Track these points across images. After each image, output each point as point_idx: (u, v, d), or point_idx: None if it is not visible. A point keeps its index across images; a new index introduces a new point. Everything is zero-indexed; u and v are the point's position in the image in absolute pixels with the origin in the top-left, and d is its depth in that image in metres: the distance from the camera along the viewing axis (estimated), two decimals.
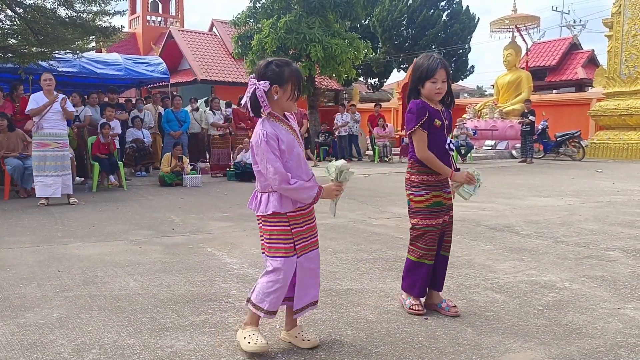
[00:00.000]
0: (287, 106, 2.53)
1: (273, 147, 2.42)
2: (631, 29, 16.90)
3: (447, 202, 3.11)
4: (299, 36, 15.86)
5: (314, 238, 2.63)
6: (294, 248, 2.53)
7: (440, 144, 3.05)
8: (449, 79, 3.05)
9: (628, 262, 4.23)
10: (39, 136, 7.45)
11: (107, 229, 5.73)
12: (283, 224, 2.52)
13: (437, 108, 3.07)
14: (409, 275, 3.14)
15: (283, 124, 2.51)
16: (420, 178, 3.06)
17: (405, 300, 3.15)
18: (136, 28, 33.89)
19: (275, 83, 2.44)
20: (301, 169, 2.51)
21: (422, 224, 3.06)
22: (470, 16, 26.59)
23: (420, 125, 2.99)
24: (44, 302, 3.32)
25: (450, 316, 3.03)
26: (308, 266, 2.59)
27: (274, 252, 2.53)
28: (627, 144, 16.25)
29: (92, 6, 10.23)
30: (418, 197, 3.06)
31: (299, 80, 2.50)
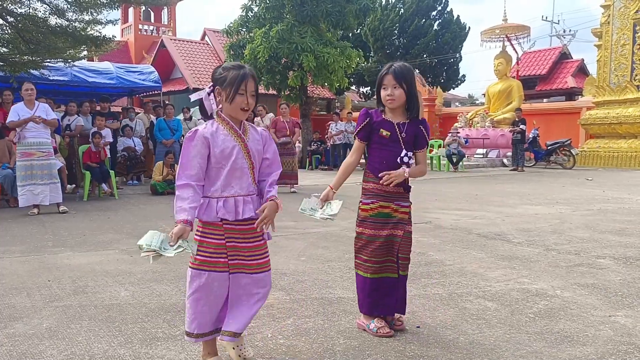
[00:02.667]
0: (231, 111, 2.37)
1: (195, 146, 2.33)
2: (620, 39, 17.09)
3: (399, 215, 2.93)
4: (291, 45, 15.90)
5: (257, 260, 2.42)
6: (227, 263, 2.38)
7: (389, 155, 2.92)
8: (406, 86, 2.88)
9: (618, 269, 4.25)
10: (23, 146, 7.40)
11: (98, 238, 5.70)
12: (217, 235, 2.37)
13: (390, 119, 2.93)
14: (359, 292, 3.01)
15: (229, 129, 2.38)
16: (369, 186, 2.98)
17: (369, 325, 2.94)
18: (128, 37, 33.86)
19: (218, 85, 2.38)
20: (236, 181, 2.37)
21: (365, 233, 2.97)
22: (461, 26, 26.80)
23: (356, 134, 3.01)
24: (34, 312, 3.29)
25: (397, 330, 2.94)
26: (246, 287, 2.40)
27: (198, 264, 2.36)
28: (616, 152, 16.39)
29: (83, 15, 10.24)
30: (364, 205, 2.99)
31: (239, 82, 2.32)
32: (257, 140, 2.46)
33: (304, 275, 4.11)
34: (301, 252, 4.91)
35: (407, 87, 2.89)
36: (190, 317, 2.40)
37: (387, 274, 2.94)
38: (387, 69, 2.93)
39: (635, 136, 16.17)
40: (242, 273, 2.39)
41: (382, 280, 2.94)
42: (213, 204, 2.36)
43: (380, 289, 2.94)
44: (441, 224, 6.42)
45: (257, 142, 2.45)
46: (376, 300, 2.94)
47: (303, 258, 4.70)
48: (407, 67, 2.95)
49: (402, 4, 26.82)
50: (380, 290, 2.94)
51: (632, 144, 16.15)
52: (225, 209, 2.35)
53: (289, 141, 10.04)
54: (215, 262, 2.36)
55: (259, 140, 2.47)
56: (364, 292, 2.97)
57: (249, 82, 2.36)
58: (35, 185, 7.40)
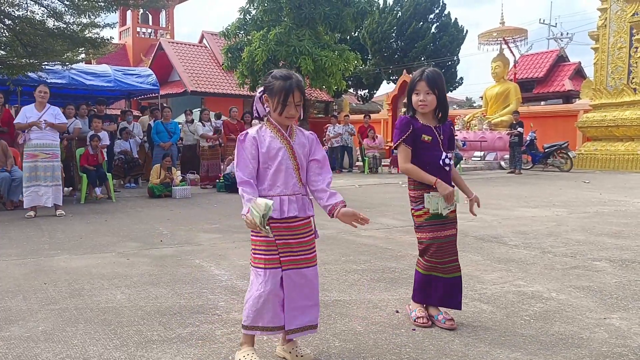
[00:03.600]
0: (277, 118, 2.51)
1: (246, 148, 2.48)
2: (617, 42, 17.14)
3: (451, 214, 3.09)
4: (289, 48, 15.93)
5: (306, 255, 2.54)
6: (279, 260, 2.47)
7: (433, 159, 3.03)
8: (438, 92, 2.99)
9: (614, 272, 4.26)
10: (28, 147, 7.48)
11: (95, 241, 5.70)
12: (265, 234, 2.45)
13: (427, 123, 3.05)
14: (420, 287, 3.12)
15: (275, 132, 2.52)
16: (417, 193, 3.07)
17: (412, 312, 3.13)
18: (126, 39, 33.87)
19: (267, 93, 2.51)
20: (282, 180, 2.48)
21: (425, 237, 3.06)
22: (459, 29, 26.91)
23: (402, 140, 3.03)
24: (30, 315, 3.29)
25: (446, 329, 3.00)
26: (298, 282, 2.50)
27: (256, 263, 2.50)
28: (614, 155, 16.42)
29: (81, 18, 10.24)
30: (417, 212, 3.08)
31: (287, 95, 2.45)
32: (304, 143, 2.59)
33: None
34: None
35: (439, 92, 3.00)
36: (250, 310, 2.48)
37: (456, 273, 3.10)
38: (420, 74, 3.02)
39: (632, 139, 16.21)
40: (293, 269, 2.49)
41: (454, 279, 3.08)
42: None
43: (452, 286, 3.08)
44: None
45: (303, 145, 2.57)
46: (446, 294, 3.07)
47: None
48: (439, 72, 3.07)
49: (399, 6, 26.92)
50: (452, 287, 3.08)
51: (629, 147, 16.18)
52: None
53: None
54: (270, 259, 2.47)
55: (305, 143, 2.59)
56: (430, 288, 3.08)
57: (295, 94, 2.48)
58: (39, 186, 7.46)
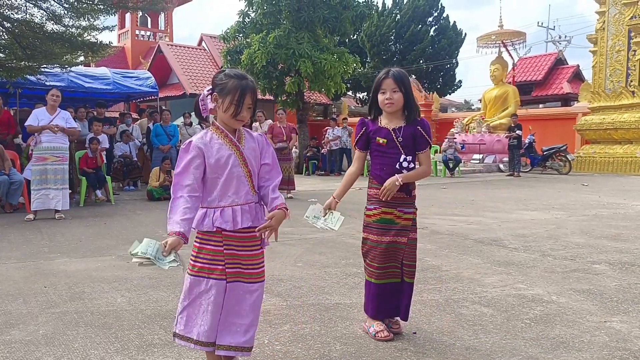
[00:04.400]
0: (228, 120, 2.34)
1: (188, 158, 2.31)
2: (615, 45, 17.19)
3: (401, 222, 2.94)
4: (288, 51, 15.93)
5: (255, 269, 2.37)
6: (224, 271, 2.33)
7: (388, 162, 2.93)
8: (405, 90, 2.91)
9: (614, 275, 4.27)
10: (38, 150, 7.50)
11: (95, 244, 5.69)
12: (215, 242, 2.33)
13: (386, 125, 2.96)
14: (365, 295, 3.05)
15: (223, 138, 2.35)
16: (372, 192, 3.01)
17: (369, 328, 2.98)
18: (125, 42, 33.85)
19: (217, 91, 2.34)
20: (233, 190, 2.33)
21: (369, 239, 2.99)
22: (458, 32, 26.92)
23: (355, 144, 3.06)
24: (30, 318, 3.29)
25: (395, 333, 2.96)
26: (242, 297, 2.34)
27: (197, 272, 2.34)
28: (612, 158, 16.44)
29: (80, 21, 10.24)
30: (368, 211, 3.02)
31: (241, 95, 2.29)
32: (253, 146, 2.41)
33: (300, 282, 4.11)
34: (298, 258, 4.92)
35: (405, 90, 2.92)
36: (190, 323, 2.34)
37: (390, 279, 2.97)
38: (385, 73, 2.95)
39: (631, 142, 16.23)
40: (239, 282, 2.34)
41: (385, 286, 2.97)
42: (210, 214, 2.33)
43: (383, 294, 2.96)
44: (438, 229, 6.44)
45: (253, 149, 2.40)
46: (379, 304, 2.97)
47: (300, 264, 4.70)
48: (404, 71, 3.00)
49: (398, 10, 26.95)
50: (383, 295, 2.96)
51: (627, 150, 16.21)
52: (223, 218, 2.32)
53: (285, 147, 10.05)
54: (213, 269, 2.32)
55: (255, 146, 2.42)
56: (368, 295, 3.01)
57: (250, 94, 2.32)
58: (49, 189, 7.48)
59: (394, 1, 27.53)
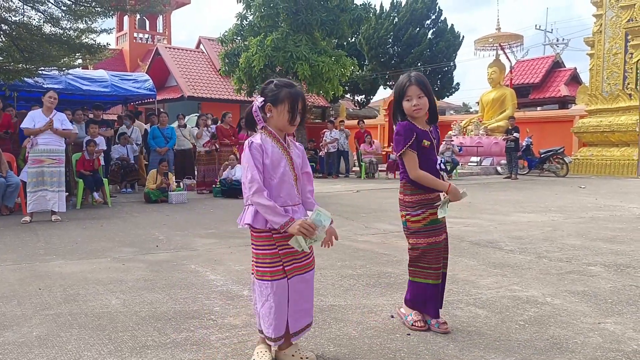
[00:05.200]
0: (282, 126, 2.52)
1: (255, 157, 2.45)
2: (612, 48, 17.24)
3: (443, 219, 3.10)
4: (285, 54, 15.95)
5: (307, 259, 2.59)
6: (283, 270, 2.50)
7: (431, 164, 3.05)
8: (428, 94, 2.99)
9: (609, 277, 4.27)
10: (34, 153, 7.49)
11: (90, 247, 5.68)
12: (269, 246, 2.49)
13: (423, 128, 3.06)
14: (418, 296, 3.10)
15: (276, 142, 2.51)
16: (415, 198, 3.05)
17: (407, 317, 3.13)
18: (123, 45, 33.89)
19: (270, 101, 2.50)
20: (285, 191, 2.49)
21: (421, 243, 3.04)
22: (455, 34, 26.97)
23: (409, 146, 2.98)
24: (24, 320, 3.28)
25: (441, 333, 3.01)
26: (300, 288, 2.54)
27: (261, 275, 2.51)
28: (609, 160, 16.48)
29: (78, 23, 10.23)
30: (415, 217, 3.05)
31: (294, 102, 2.49)
32: (299, 154, 2.61)
33: None
34: None
35: (429, 93, 3.01)
36: (266, 323, 2.52)
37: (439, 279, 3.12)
38: (408, 80, 3.00)
39: (628, 144, 16.26)
40: (297, 276, 2.53)
41: (441, 284, 3.12)
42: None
43: (440, 292, 3.12)
44: None
45: (298, 156, 2.60)
46: (437, 302, 3.10)
47: None
48: (423, 75, 3.07)
49: (396, 12, 26.99)
50: (440, 292, 3.12)
51: (624, 152, 16.24)
52: None
53: None
54: (275, 271, 2.49)
55: (299, 154, 2.62)
56: (427, 296, 3.08)
57: (300, 102, 2.52)
58: (46, 191, 7.48)
59: (392, 4, 27.59)
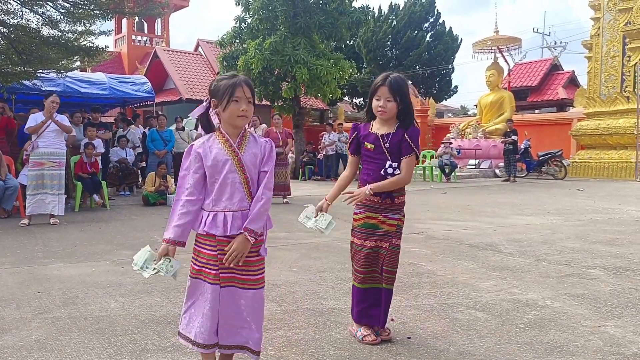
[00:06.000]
0: (227, 119, 2.34)
1: (188, 161, 2.37)
2: (610, 51, 17.27)
3: (385, 227, 2.93)
4: (284, 57, 15.95)
5: (250, 275, 2.36)
6: (217, 276, 2.34)
7: (375, 167, 2.94)
8: (400, 99, 2.86)
9: (608, 280, 4.27)
10: (35, 155, 7.46)
11: (89, 250, 5.67)
12: (210, 247, 2.36)
13: (376, 131, 2.95)
14: (352, 299, 3.05)
15: (224, 144, 2.35)
16: None
17: (356, 332, 2.98)
18: (121, 47, 33.88)
19: (213, 97, 2.37)
20: (227, 195, 2.33)
21: (355, 242, 3.01)
22: (453, 37, 27.05)
23: (348, 148, 3.03)
24: (23, 324, 3.27)
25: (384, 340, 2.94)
26: (237, 302, 2.35)
27: (195, 274, 2.40)
28: (607, 163, 16.50)
29: (76, 26, 10.24)
30: (354, 215, 3.04)
31: (232, 90, 2.30)
32: (255, 152, 2.38)
33: (295, 286, 4.11)
34: (293, 263, 4.91)
35: (401, 99, 2.87)
36: (190, 324, 2.38)
37: (374, 284, 2.97)
38: (382, 80, 2.90)
39: (626, 147, 16.29)
40: (234, 287, 2.35)
41: (369, 291, 2.97)
42: (204, 217, 2.36)
43: (366, 299, 2.97)
44: (433, 234, 6.44)
45: (254, 155, 2.38)
46: (363, 309, 2.97)
47: (295, 269, 4.70)
48: (403, 78, 2.93)
49: (394, 15, 27.06)
50: (366, 300, 2.97)
51: (622, 155, 16.26)
52: (214, 223, 2.34)
53: (281, 152, 10.05)
54: (208, 273, 2.35)
55: (256, 152, 2.39)
56: (353, 300, 3.03)
57: (243, 88, 2.32)
58: (46, 194, 7.45)
59: (390, 7, 27.66)
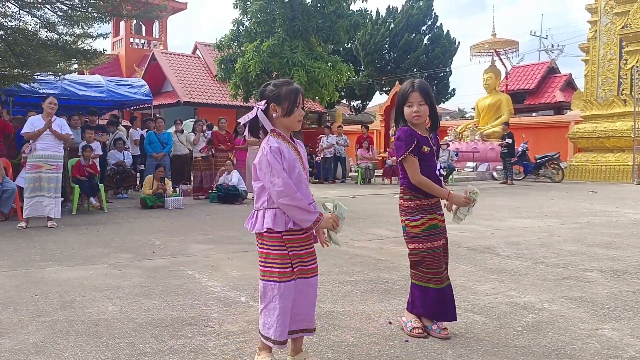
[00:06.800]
0: (289, 124, 2.55)
1: (277, 160, 2.46)
2: (607, 54, 17.33)
3: (442, 224, 3.13)
4: (282, 60, 15.98)
5: (313, 264, 2.60)
6: (292, 272, 2.52)
7: (431, 170, 3.08)
8: (430, 102, 3.03)
9: (606, 282, 4.28)
10: (32, 158, 7.48)
11: (87, 253, 5.66)
12: (279, 247, 2.50)
13: (423, 134, 3.09)
14: (417, 299, 3.11)
15: (287, 143, 2.54)
16: (414, 203, 3.07)
17: (407, 323, 3.13)
18: (119, 50, 33.87)
19: (273, 102, 2.52)
20: (302, 190, 2.49)
21: (420, 248, 3.06)
22: (451, 40, 27.12)
23: (410, 152, 3.01)
24: (20, 327, 3.26)
25: (441, 339, 3.02)
26: (304, 290, 2.56)
27: (268, 276, 2.51)
28: (604, 166, 16.54)
29: (74, 29, 10.23)
30: (414, 222, 3.08)
31: (296, 96, 2.53)
32: (303, 153, 2.64)
33: None
34: None
35: (431, 102, 3.04)
36: (267, 324, 2.51)
37: (447, 281, 3.11)
38: (410, 86, 3.04)
39: (623, 150, 16.34)
40: (302, 278, 2.54)
41: (445, 289, 3.08)
42: (281, 215, 2.48)
43: (445, 297, 3.08)
44: None
45: (304, 155, 2.64)
46: (439, 308, 3.07)
47: None
48: (427, 83, 3.11)
49: (392, 18, 27.13)
50: (446, 297, 3.08)
51: (619, 158, 16.31)
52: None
53: None
54: (283, 273, 2.49)
55: (304, 153, 2.65)
56: (426, 300, 3.08)
57: (301, 95, 2.57)
58: (43, 197, 7.47)
59: (388, 10, 27.72)
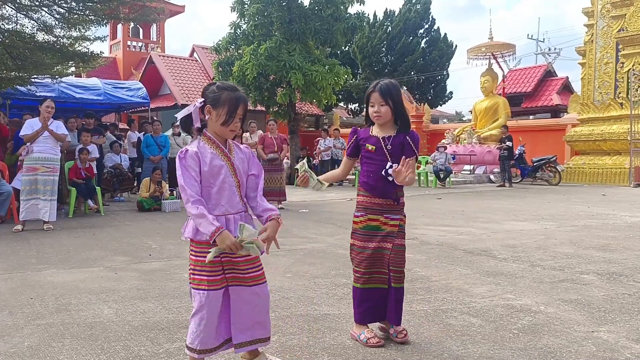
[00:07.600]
0: (221, 131, 2.41)
1: (189, 165, 2.35)
2: (603, 57, 17.39)
3: (388, 228, 3.00)
4: (279, 63, 15.98)
5: (254, 272, 2.45)
6: (223, 280, 2.41)
7: (374, 169, 3.01)
8: (392, 102, 2.96)
9: (602, 285, 4.28)
10: (29, 160, 7.47)
11: (83, 255, 5.65)
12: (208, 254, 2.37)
13: (376, 134, 3.04)
14: (353, 301, 3.10)
15: (216, 149, 2.41)
16: (359, 199, 3.09)
17: (359, 335, 3.00)
18: (117, 53, 33.84)
19: (210, 103, 2.40)
20: (226, 199, 2.40)
21: (356, 245, 3.06)
22: (448, 43, 27.19)
23: (345, 151, 3.13)
24: (15, 330, 3.25)
25: (399, 343, 2.98)
26: (248, 299, 2.43)
27: (197, 284, 2.40)
28: (601, 169, 16.57)
29: (71, 31, 10.22)
30: (355, 218, 3.09)
31: (235, 106, 2.37)
32: (242, 158, 2.50)
33: (289, 292, 4.10)
34: (287, 269, 4.91)
35: (394, 103, 2.99)
36: (193, 333, 2.40)
37: (376, 284, 3.03)
38: (373, 86, 3.03)
39: (620, 153, 16.37)
40: (240, 286, 2.42)
41: (370, 291, 3.03)
42: None
43: (370, 299, 3.03)
44: (427, 239, 6.44)
45: (242, 160, 2.49)
46: (367, 309, 3.03)
47: (289, 275, 4.69)
48: (393, 83, 3.06)
49: (389, 21, 27.18)
50: (370, 300, 3.03)
51: (616, 161, 16.35)
52: None
53: (276, 157, 10.05)
54: (213, 280, 2.39)
55: (243, 158, 2.51)
56: (355, 301, 3.07)
57: (242, 106, 2.41)
58: (38, 199, 7.45)
59: (385, 13, 27.77)
